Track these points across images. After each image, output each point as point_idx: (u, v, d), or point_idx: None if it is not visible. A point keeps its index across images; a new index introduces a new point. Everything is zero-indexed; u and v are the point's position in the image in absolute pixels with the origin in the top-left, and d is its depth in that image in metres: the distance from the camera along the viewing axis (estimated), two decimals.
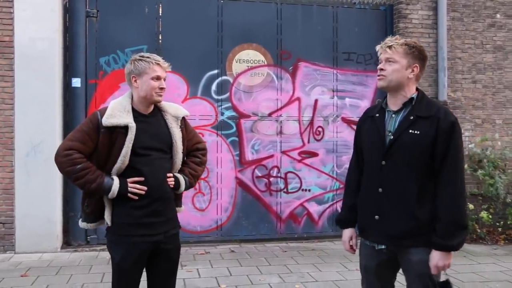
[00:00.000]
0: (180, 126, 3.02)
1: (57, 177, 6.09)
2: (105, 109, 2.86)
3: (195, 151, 3.17)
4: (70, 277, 5.12)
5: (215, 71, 6.72)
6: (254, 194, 6.83)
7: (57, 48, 6.14)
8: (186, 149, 3.10)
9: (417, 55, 2.64)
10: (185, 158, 3.11)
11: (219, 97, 6.73)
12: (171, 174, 2.96)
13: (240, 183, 6.80)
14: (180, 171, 3.05)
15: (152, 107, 2.97)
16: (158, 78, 2.86)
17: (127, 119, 2.81)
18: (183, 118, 3.07)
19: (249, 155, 6.83)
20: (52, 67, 6.10)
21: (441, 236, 2.51)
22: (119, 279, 2.90)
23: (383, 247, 2.68)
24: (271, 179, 6.88)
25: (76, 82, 6.31)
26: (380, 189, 2.65)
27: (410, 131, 2.58)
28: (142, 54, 2.92)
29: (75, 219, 6.25)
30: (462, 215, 2.55)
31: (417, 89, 2.72)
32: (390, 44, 2.65)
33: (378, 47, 2.72)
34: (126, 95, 2.95)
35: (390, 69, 2.63)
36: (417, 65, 2.64)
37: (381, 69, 2.67)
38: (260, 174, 6.85)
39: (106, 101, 6.33)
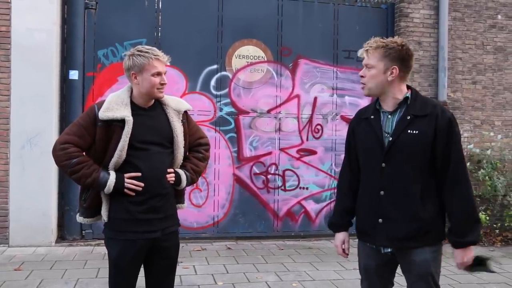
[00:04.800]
0: (182, 120, 2.95)
1: (53, 171, 6.01)
2: (102, 102, 2.80)
3: (197, 146, 3.10)
4: (65, 272, 5.05)
5: (215, 66, 6.66)
6: (251, 191, 6.78)
7: (55, 39, 6.05)
8: (188, 144, 3.03)
9: (395, 56, 2.54)
10: (187, 153, 3.04)
11: (218, 93, 6.67)
12: (171, 170, 2.89)
13: (238, 179, 6.74)
14: (181, 167, 2.98)
15: (152, 101, 2.90)
16: (158, 74, 2.78)
17: (124, 112, 2.75)
18: (185, 112, 3.01)
19: (247, 152, 6.77)
20: (49, 59, 6.01)
21: (459, 235, 2.51)
22: (116, 275, 2.85)
23: (389, 250, 2.64)
24: (269, 176, 6.83)
25: (74, 74, 6.23)
26: (381, 192, 2.60)
27: (409, 131, 2.53)
28: (140, 48, 2.81)
29: (70, 213, 6.20)
30: (474, 209, 2.55)
31: (409, 87, 2.66)
32: (366, 48, 2.58)
33: (359, 52, 2.65)
34: (125, 88, 2.89)
35: (368, 75, 2.58)
36: (396, 66, 2.54)
37: (361, 76, 2.62)
38: (258, 171, 6.80)
39: (103, 94, 6.26)
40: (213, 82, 6.66)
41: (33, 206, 5.92)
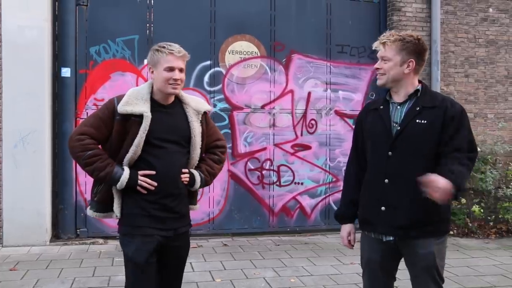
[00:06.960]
0: (200, 120, 2.90)
1: (46, 169, 5.95)
2: (122, 96, 2.78)
3: (214, 148, 3.05)
4: (61, 271, 5.00)
5: (208, 62, 6.62)
6: (246, 187, 6.76)
7: (46, 36, 5.97)
8: (205, 146, 2.98)
9: (412, 49, 2.63)
10: (203, 155, 3.00)
11: (212, 89, 6.64)
12: (186, 170, 2.84)
13: (233, 176, 6.72)
14: (196, 168, 2.93)
15: (172, 98, 2.86)
16: (171, 69, 2.72)
17: (143, 108, 2.71)
18: (205, 113, 2.96)
19: (242, 148, 6.75)
20: (41, 56, 5.93)
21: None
22: (135, 275, 2.73)
23: (391, 238, 2.65)
24: (264, 172, 6.82)
25: (66, 72, 6.17)
26: (386, 180, 2.63)
27: (417, 120, 2.59)
28: (161, 43, 2.80)
29: (64, 211, 6.17)
30: (463, 180, 2.45)
31: (420, 81, 2.73)
32: (383, 41, 2.66)
33: (375, 44, 2.72)
34: (147, 84, 2.86)
35: (385, 67, 2.65)
36: (413, 59, 2.64)
37: (377, 69, 2.70)
38: (252, 167, 6.78)
39: (96, 91, 6.22)
40: (206, 78, 6.62)
41: (26, 205, 5.85)
